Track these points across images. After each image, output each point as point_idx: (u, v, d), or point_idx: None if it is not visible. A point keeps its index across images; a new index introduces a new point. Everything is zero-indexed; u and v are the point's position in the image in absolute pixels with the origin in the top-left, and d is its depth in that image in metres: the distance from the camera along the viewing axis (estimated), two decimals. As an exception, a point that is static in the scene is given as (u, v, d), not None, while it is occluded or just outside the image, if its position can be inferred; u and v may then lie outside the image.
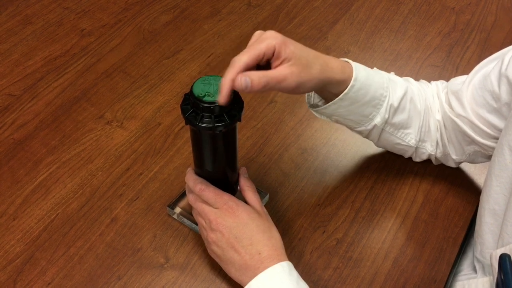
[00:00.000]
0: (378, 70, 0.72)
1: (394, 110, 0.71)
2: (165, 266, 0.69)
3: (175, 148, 0.83)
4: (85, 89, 0.92)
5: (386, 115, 0.70)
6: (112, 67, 0.96)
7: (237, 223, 0.62)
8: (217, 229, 0.63)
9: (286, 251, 0.64)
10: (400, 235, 0.74)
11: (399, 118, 0.72)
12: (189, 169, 0.68)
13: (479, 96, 0.68)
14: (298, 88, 0.60)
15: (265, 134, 0.86)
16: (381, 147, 0.81)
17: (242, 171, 0.70)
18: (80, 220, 0.74)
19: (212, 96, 0.56)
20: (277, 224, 0.66)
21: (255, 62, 0.57)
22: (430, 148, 0.77)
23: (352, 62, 0.66)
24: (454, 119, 0.71)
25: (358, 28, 1.08)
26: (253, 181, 0.69)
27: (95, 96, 0.91)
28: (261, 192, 0.75)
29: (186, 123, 0.58)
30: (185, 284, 0.68)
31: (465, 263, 0.76)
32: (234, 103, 0.58)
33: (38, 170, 0.79)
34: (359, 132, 0.74)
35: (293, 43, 0.59)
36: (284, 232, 0.73)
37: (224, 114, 0.57)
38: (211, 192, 0.64)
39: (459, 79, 0.74)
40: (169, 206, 0.74)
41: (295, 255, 0.71)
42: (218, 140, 0.60)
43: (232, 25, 1.07)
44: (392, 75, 0.74)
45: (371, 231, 0.74)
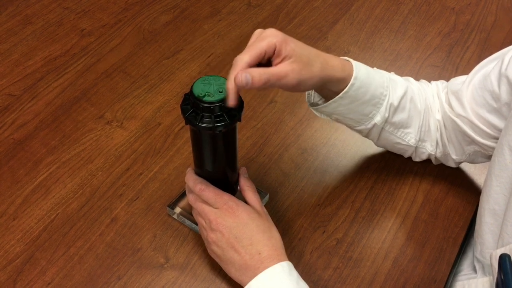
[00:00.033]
0: (378, 69, 0.72)
1: (394, 109, 0.71)
2: (165, 266, 0.69)
3: (175, 148, 0.83)
4: (85, 89, 0.92)
5: (386, 114, 0.70)
6: (112, 67, 0.96)
7: (237, 223, 0.62)
8: (217, 229, 0.63)
9: (286, 251, 0.64)
10: (400, 235, 0.74)
11: (399, 117, 0.72)
12: (189, 169, 0.68)
13: (479, 96, 0.68)
14: (299, 86, 0.60)
15: (265, 134, 0.86)
16: (380, 147, 0.81)
17: (242, 171, 0.70)
18: (80, 220, 0.74)
19: (212, 96, 0.56)
20: (277, 224, 0.66)
21: (257, 61, 0.57)
22: (430, 148, 0.77)
23: (353, 60, 0.67)
24: (454, 119, 0.71)
25: (358, 28, 1.08)
26: (253, 181, 0.69)
27: (95, 96, 0.91)
28: (261, 192, 0.75)
29: (186, 123, 0.58)
30: (185, 284, 0.68)
31: (465, 263, 0.76)
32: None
33: (38, 170, 0.79)
34: (359, 131, 0.74)
35: (294, 41, 0.59)
36: (284, 232, 0.73)
37: (224, 114, 0.57)
38: (211, 192, 0.64)
39: (459, 79, 0.74)
40: (169, 206, 0.74)
41: (295, 255, 0.71)
42: (218, 140, 0.60)
43: (232, 25, 1.06)
44: (393, 74, 0.74)
45: (371, 231, 0.74)
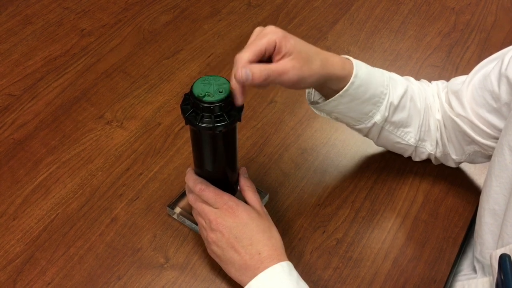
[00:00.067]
0: (378, 68, 0.72)
1: (394, 108, 0.71)
2: (165, 266, 0.69)
3: (175, 148, 0.83)
4: (85, 89, 0.92)
5: (386, 113, 0.70)
6: (112, 67, 0.96)
7: (237, 223, 0.62)
8: (217, 229, 0.63)
9: (286, 251, 0.64)
10: (400, 235, 0.74)
11: (399, 116, 0.72)
12: (189, 169, 0.68)
13: (479, 96, 0.68)
14: (299, 83, 0.60)
15: (265, 134, 0.86)
16: (380, 146, 0.81)
17: (242, 171, 0.70)
18: (80, 220, 0.74)
19: (212, 96, 0.56)
20: (277, 224, 0.66)
21: (258, 58, 0.57)
22: (430, 148, 0.77)
23: (353, 59, 0.67)
24: (454, 118, 0.71)
25: (358, 28, 1.08)
26: (253, 181, 0.69)
27: (95, 96, 0.91)
28: (261, 192, 0.75)
29: (186, 123, 0.58)
30: (185, 284, 0.68)
31: (465, 263, 0.76)
32: (234, 103, 0.58)
33: (38, 170, 0.79)
34: (358, 130, 0.74)
35: (294, 38, 0.59)
36: (284, 232, 0.73)
37: (224, 114, 0.57)
38: (211, 192, 0.64)
39: (459, 79, 0.74)
40: (169, 206, 0.74)
41: (295, 255, 0.71)
42: (218, 140, 0.60)
43: (232, 25, 1.06)
44: (393, 74, 0.74)
45: (371, 231, 0.74)
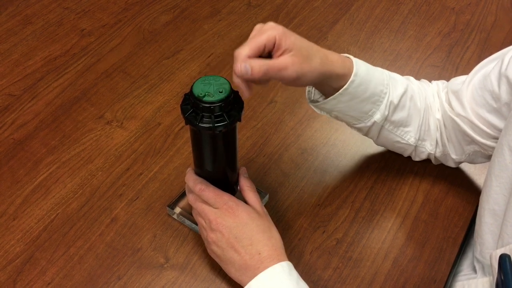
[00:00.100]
0: (378, 67, 0.72)
1: (394, 108, 0.71)
2: (165, 266, 0.69)
3: (175, 148, 0.83)
4: (85, 89, 0.92)
5: (386, 112, 0.70)
6: (112, 67, 0.96)
7: (237, 223, 0.62)
8: (217, 229, 0.63)
9: (286, 251, 0.64)
10: (400, 235, 0.74)
11: (399, 115, 0.72)
12: (189, 169, 0.68)
13: (479, 96, 0.68)
14: (299, 79, 0.60)
15: (265, 134, 0.86)
16: (380, 145, 0.81)
17: (242, 171, 0.70)
18: (80, 220, 0.74)
19: (212, 96, 0.56)
20: (277, 224, 0.66)
21: (257, 54, 0.58)
22: (430, 147, 0.77)
23: (353, 57, 0.67)
24: (454, 118, 0.71)
25: (358, 28, 1.08)
26: (253, 181, 0.69)
27: (95, 96, 0.91)
28: (261, 192, 0.75)
29: (186, 123, 0.58)
30: (185, 284, 0.68)
31: (465, 263, 0.76)
32: (234, 103, 0.58)
33: (38, 170, 0.79)
34: (358, 129, 0.74)
35: (294, 35, 0.60)
36: (284, 232, 0.73)
37: (224, 114, 0.57)
38: (211, 192, 0.64)
39: (459, 79, 0.74)
40: (169, 206, 0.74)
41: (295, 255, 0.71)
42: (218, 140, 0.60)
43: (232, 25, 1.06)
44: (393, 73, 0.74)
45: (371, 231, 0.74)
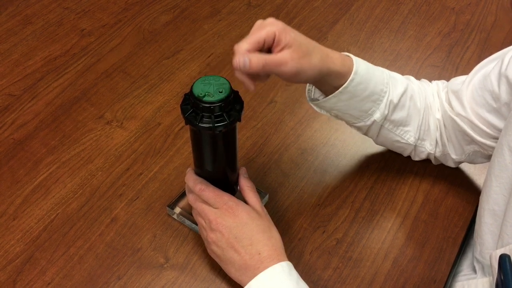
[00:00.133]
0: (378, 66, 0.72)
1: (393, 107, 0.71)
2: (165, 266, 0.69)
3: (175, 148, 0.83)
4: (85, 89, 0.92)
5: (386, 111, 0.70)
6: (112, 67, 0.96)
7: (237, 223, 0.62)
8: (217, 229, 0.63)
9: (286, 251, 0.64)
10: (400, 235, 0.74)
11: (399, 115, 0.72)
12: (189, 169, 0.68)
13: (479, 96, 0.68)
14: (298, 75, 0.60)
15: (265, 134, 0.86)
16: (380, 145, 0.81)
17: (242, 171, 0.70)
18: (80, 220, 0.74)
19: (212, 96, 0.56)
20: (277, 224, 0.66)
21: (256, 48, 0.58)
22: (429, 147, 0.77)
23: (353, 56, 0.67)
24: (454, 118, 0.71)
25: (358, 28, 1.08)
26: (253, 181, 0.69)
27: (95, 96, 0.91)
28: (261, 192, 0.75)
29: (186, 123, 0.58)
30: (185, 284, 0.68)
31: (465, 264, 0.76)
32: (234, 103, 0.58)
33: (38, 170, 0.79)
34: (358, 128, 0.74)
35: (294, 31, 0.60)
36: (284, 232, 0.73)
37: (224, 114, 0.57)
38: (211, 192, 0.64)
39: (459, 79, 0.74)
40: (169, 206, 0.74)
41: (295, 255, 0.71)
42: (218, 140, 0.60)
43: (232, 25, 1.06)
44: (393, 72, 0.74)
45: (371, 231, 0.74)
